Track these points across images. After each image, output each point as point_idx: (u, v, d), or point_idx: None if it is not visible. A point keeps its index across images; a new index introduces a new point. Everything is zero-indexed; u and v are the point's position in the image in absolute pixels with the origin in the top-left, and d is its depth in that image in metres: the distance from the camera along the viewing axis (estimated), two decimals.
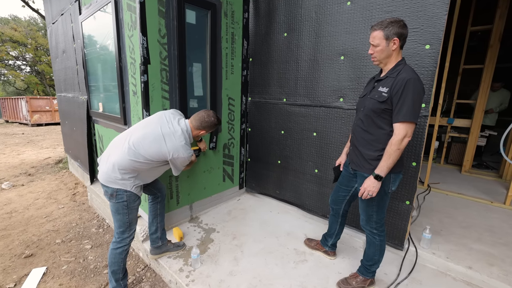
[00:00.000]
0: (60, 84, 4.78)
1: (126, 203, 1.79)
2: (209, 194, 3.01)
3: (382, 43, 1.52)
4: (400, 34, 1.48)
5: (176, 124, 1.83)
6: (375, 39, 1.54)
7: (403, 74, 1.48)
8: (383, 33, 1.50)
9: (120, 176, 1.73)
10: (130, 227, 1.88)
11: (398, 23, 1.48)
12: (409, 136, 1.48)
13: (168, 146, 1.75)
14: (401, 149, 1.49)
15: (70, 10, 3.55)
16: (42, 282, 2.25)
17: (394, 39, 1.49)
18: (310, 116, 2.66)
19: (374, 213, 1.72)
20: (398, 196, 2.17)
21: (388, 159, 1.50)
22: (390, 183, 1.63)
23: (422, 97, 1.48)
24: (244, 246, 2.41)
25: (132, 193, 1.80)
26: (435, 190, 3.59)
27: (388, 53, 1.54)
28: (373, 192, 1.56)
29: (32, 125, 13.54)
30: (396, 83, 1.48)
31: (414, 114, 1.45)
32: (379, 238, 1.78)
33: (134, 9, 2.09)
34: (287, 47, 2.73)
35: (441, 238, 2.43)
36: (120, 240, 1.87)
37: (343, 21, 2.27)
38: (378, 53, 1.55)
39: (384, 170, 1.51)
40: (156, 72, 2.25)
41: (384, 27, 1.49)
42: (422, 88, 1.48)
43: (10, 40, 20.02)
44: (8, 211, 3.56)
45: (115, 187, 1.75)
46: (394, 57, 1.56)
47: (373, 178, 1.55)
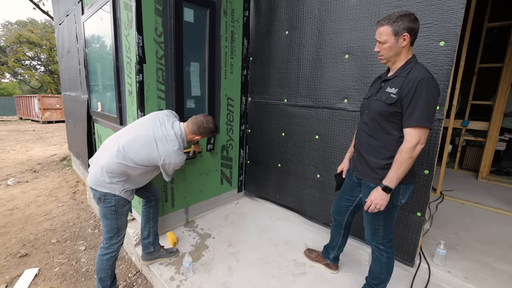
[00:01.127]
0: (65, 83, 4.82)
1: (115, 208, 1.71)
2: (206, 197, 2.91)
3: (391, 40, 1.36)
4: (411, 29, 1.32)
5: (169, 127, 1.74)
6: (382, 35, 1.38)
7: (414, 73, 1.31)
8: (392, 29, 1.34)
9: (108, 179, 1.65)
10: (119, 233, 1.80)
11: (408, 16, 1.32)
12: (422, 143, 1.31)
13: (160, 151, 1.65)
14: (414, 157, 1.32)
15: (74, 10, 3.55)
16: (33, 285, 2.20)
17: (404, 35, 1.33)
18: (312, 118, 2.51)
19: (381, 227, 1.54)
20: (408, 207, 1.99)
21: (398, 169, 1.33)
22: (399, 195, 1.46)
23: (437, 99, 1.31)
24: (240, 254, 2.28)
25: (121, 198, 1.71)
26: (449, 198, 3.37)
27: (397, 50, 1.37)
28: (381, 206, 1.39)
29: (43, 122, 13.90)
30: (406, 83, 1.31)
31: (428, 118, 1.28)
32: (386, 255, 1.60)
33: (130, 8, 2.02)
34: (288, 46, 2.59)
35: (457, 254, 2.23)
36: (107, 246, 1.78)
37: (348, 17, 2.12)
38: (386, 50, 1.39)
39: (393, 181, 1.35)
40: (152, 71, 2.17)
41: (392, 22, 1.33)
42: (437, 89, 1.31)
43: (27, 42, 20.70)
44: (10, 208, 3.57)
45: (103, 190, 1.67)
46: (404, 55, 1.39)
47: (381, 190, 1.38)
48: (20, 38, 20.51)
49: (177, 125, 1.78)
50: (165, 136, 1.69)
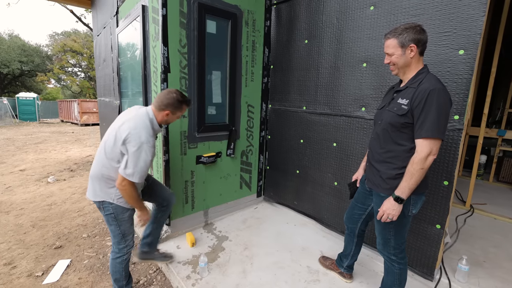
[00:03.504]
0: (101, 89, 5.24)
1: (114, 215, 1.70)
2: (225, 200, 3.00)
3: (398, 52, 1.39)
4: (418, 40, 1.35)
5: (134, 110, 1.67)
6: (389, 48, 1.42)
7: (425, 84, 1.33)
8: (397, 41, 1.38)
9: (99, 187, 1.64)
10: (124, 238, 1.80)
11: (414, 28, 1.35)
12: (434, 154, 1.31)
13: (125, 127, 1.53)
14: (425, 168, 1.32)
15: (110, 23, 3.89)
16: (65, 274, 2.41)
17: (411, 46, 1.35)
18: (330, 126, 2.52)
19: (392, 238, 1.53)
20: (427, 219, 1.93)
21: (410, 179, 1.34)
22: (410, 205, 1.45)
23: (448, 110, 1.31)
24: (255, 258, 2.33)
25: (117, 205, 1.68)
26: (480, 212, 3.15)
27: (406, 61, 1.39)
28: (393, 216, 1.39)
29: (81, 125, 15.06)
30: (417, 94, 1.32)
31: (439, 129, 1.28)
32: (398, 266, 1.58)
33: (158, 22, 2.20)
34: (307, 54, 2.64)
35: (483, 271, 2.10)
36: (117, 251, 1.83)
37: (366, 26, 2.12)
38: (395, 62, 1.42)
39: (405, 191, 1.35)
40: (176, 80, 2.32)
41: (398, 35, 1.37)
42: (449, 99, 1.32)
43: (70, 50, 22.68)
44: (49, 203, 3.93)
45: (100, 200, 1.67)
46: (414, 65, 1.41)
47: (393, 200, 1.39)
48: (65, 47, 22.54)
49: (143, 108, 1.71)
50: (132, 116, 1.60)
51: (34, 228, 3.20)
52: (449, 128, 1.75)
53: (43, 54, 24.86)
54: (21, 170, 5.62)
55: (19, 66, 22.29)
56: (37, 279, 2.33)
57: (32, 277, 2.35)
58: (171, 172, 2.43)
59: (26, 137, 10.48)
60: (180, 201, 2.57)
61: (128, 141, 1.52)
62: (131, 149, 1.52)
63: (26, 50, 23.17)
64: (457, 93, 1.69)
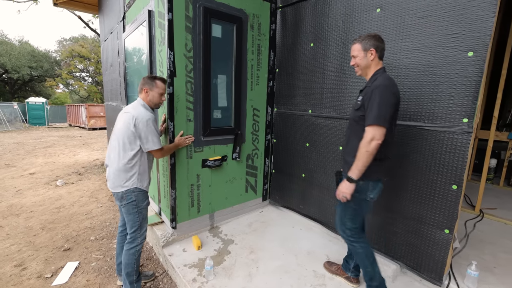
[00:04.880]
0: (108, 94, 5.32)
1: (135, 203, 1.94)
2: (230, 204, 3.00)
3: (360, 54, 1.65)
4: (377, 46, 1.61)
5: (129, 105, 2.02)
6: (354, 51, 1.68)
7: (376, 82, 1.57)
8: (361, 45, 1.64)
9: (120, 178, 1.90)
10: (141, 226, 2.01)
11: (374, 37, 1.62)
12: (377, 139, 1.50)
13: (129, 115, 1.89)
14: (370, 151, 1.51)
15: (117, 28, 3.96)
16: (73, 276, 2.44)
17: (371, 50, 1.62)
18: (336, 129, 2.51)
19: (348, 220, 1.73)
20: (436, 223, 1.89)
21: (358, 162, 1.54)
22: (368, 190, 1.64)
23: (389, 102, 1.51)
24: (261, 261, 2.32)
25: (139, 193, 1.94)
26: (490, 217, 3.09)
27: (367, 63, 1.65)
28: (347, 195, 1.58)
29: (89, 129, 15.29)
30: (369, 91, 1.57)
31: (380, 118, 1.49)
32: (358, 245, 1.75)
33: (164, 26, 2.23)
34: (313, 57, 2.64)
35: (493, 277, 2.05)
36: (132, 240, 1.99)
37: (372, 29, 2.11)
38: (358, 63, 1.67)
39: (355, 172, 1.55)
40: (182, 84, 2.35)
41: (361, 40, 1.65)
42: (391, 94, 1.52)
43: (78, 56, 23.14)
44: (57, 206, 3.99)
45: (122, 190, 1.90)
46: (373, 67, 1.66)
47: (346, 180, 1.59)
48: (73, 53, 23.01)
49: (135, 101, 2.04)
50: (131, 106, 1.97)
51: (43, 230, 3.26)
52: (458, 132, 1.72)
53: (51, 59, 25.43)
54: (30, 174, 5.73)
55: (28, 72, 22.83)
56: (46, 280, 2.37)
57: (41, 279, 2.39)
58: (177, 176, 2.45)
59: (35, 141, 10.68)
60: (186, 205, 2.58)
61: (137, 123, 1.85)
62: (142, 128, 1.85)
63: (36, 55, 23.74)
64: (466, 95, 1.66)
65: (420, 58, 1.85)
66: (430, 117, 1.84)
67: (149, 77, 1.99)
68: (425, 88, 1.85)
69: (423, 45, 1.83)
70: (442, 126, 1.79)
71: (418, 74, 1.87)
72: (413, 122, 1.93)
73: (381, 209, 2.21)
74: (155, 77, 1.99)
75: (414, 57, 1.88)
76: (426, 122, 1.86)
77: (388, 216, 2.17)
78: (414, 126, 1.93)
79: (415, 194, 1.99)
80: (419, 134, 1.91)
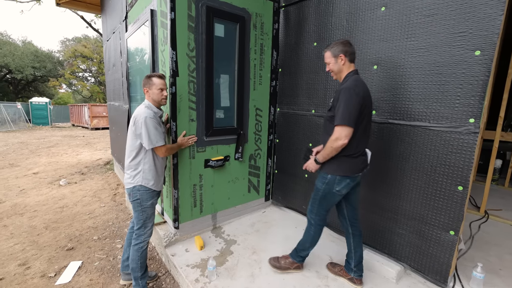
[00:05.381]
0: (110, 94, 5.33)
1: (139, 201, 1.99)
2: (233, 204, 2.99)
3: (332, 61, 1.79)
4: (345, 51, 1.74)
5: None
6: (326, 58, 1.83)
7: (344, 85, 1.70)
8: (331, 53, 1.78)
9: (129, 175, 1.99)
10: (145, 224, 2.05)
11: (342, 43, 1.75)
12: (341, 139, 1.64)
13: (133, 114, 1.97)
14: (334, 147, 1.68)
15: (119, 28, 3.96)
16: (77, 275, 2.45)
17: (340, 56, 1.75)
18: None
19: (316, 206, 1.94)
20: (441, 225, 1.87)
21: (324, 151, 1.76)
22: (335, 183, 1.81)
23: (353, 103, 1.61)
24: (263, 262, 2.31)
25: (144, 191, 1.98)
26: (495, 219, 3.05)
27: (339, 68, 1.79)
28: (310, 169, 1.89)
29: (92, 128, 15.35)
30: (337, 93, 1.72)
31: (345, 119, 1.62)
32: (314, 228, 1.99)
33: (166, 26, 2.22)
34: (316, 57, 2.62)
35: (499, 279, 2.02)
36: (137, 237, 2.05)
37: (377, 28, 2.09)
38: (332, 69, 1.82)
39: (320, 158, 1.80)
40: (184, 84, 2.34)
41: (331, 48, 1.78)
42: (355, 95, 1.62)
43: (81, 56, 23.24)
44: (61, 206, 4.01)
45: (130, 186, 1.99)
46: (345, 71, 1.79)
47: (313, 160, 1.87)
48: (75, 53, 23.11)
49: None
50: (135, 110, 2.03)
51: (47, 229, 3.27)
52: (464, 132, 1.70)
53: (54, 59, 25.57)
54: (34, 173, 5.76)
55: (32, 72, 22.97)
56: (50, 279, 2.38)
57: (45, 278, 2.40)
58: (179, 176, 2.44)
59: (39, 141, 10.75)
60: (188, 205, 2.57)
61: (136, 121, 1.90)
62: (140, 126, 1.87)
63: (39, 56, 23.88)
64: (472, 95, 1.64)
65: (426, 57, 1.82)
66: (436, 117, 1.82)
67: (146, 77, 2.01)
68: (430, 88, 1.83)
69: (429, 44, 1.80)
70: (448, 126, 1.76)
71: (424, 74, 1.85)
72: (418, 122, 1.91)
73: (385, 210, 2.19)
74: (151, 75, 2.00)
75: (419, 56, 1.86)
76: (432, 122, 1.84)
77: (392, 217, 2.15)
78: (419, 126, 1.91)
79: (419, 195, 1.97)
80: (424, 134, 1.89)
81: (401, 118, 2.01)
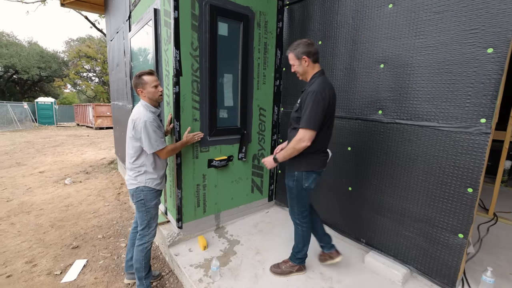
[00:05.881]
0: (114, 93, 5.34)
1: (143, 202, 1.96)
2: (236, 204, 2.97)
3: (296, 63, 1.79)
4: (308, 52, 1.73)
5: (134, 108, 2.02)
6: (290, 60, 1.83)
7: (311, 87, 1.71)
8: (294, 54, 1.77)
9: (132, 174, 1.95)
10: (149, 225, 2.02)
11: (303, 43, 1.74)
12: (304, 141, 1.69)
13: (130, 119, 1.90)
14: (297, 148, 1.73)
15: (123, 28, 3.95)
16: (82, 274, 2.46)
17: (303, 58, 1.75)
18: (345, 129, 2.45)
19: (295, 205, 1.98)
20: (449, 227, 1.83)
21: (285, 152, 1.80)
22: (302, 179, 1.86)
23: (319, 109, 1.65)
24: (267, 263, 2.29)
25: (148, 192, 1.95)
26: (505, 221, 2.98)
27: (304, 69, 1.80)
28: (267, 165, 1.93)
29: (96, 128, 15.47)
30: (304, 95, 1.73)
31: (310, 123, 1.67)
32: (301, 228, 2.03)
33: (169, 25, 2.20)
34: (321, 56, 2.57)
35: (509, 284, 1.97)
36: (141, 237, 2.03)
37: (384, 25, 2.05)
38: (296, 70, 1.83)
39: (280, 157, 1.84)
40: (188, 83, 2.32)
41: (293, 49, 1.77)
42: (322, 100, 1.65)
43: (85, 56, 23.41)
44: (66, 204, 4.03)
45: (133, 187, 1.95)
46: (310, 72, 1.81)
47: (271, 158, 1.90)
48: (80, 53, 23.29)
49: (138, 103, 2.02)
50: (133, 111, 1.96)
51: (52, 228, 3.30)
52: (475, 132, 1.65)
53: (59, 60, 25.81)
54: (40, 172, 5.82)
55: (38, 72, 23.22)
56: (56, 277, 2.40)
57: (51, 276, 2.42)
58: (183, 176, 2.43)
59: (44, 140, 10.87)
60: (192, 205, 2.56)
61: (135, 126, 1.83)
62: (140, 130, 1.81)
63: (44, 56, 24.12)
64: (484, 94, 1.59)
65: (435, 55, 1.77)
66: (445, 117, 1.77)
67: (135, 77, 1.91)
68: (439, 87, 1.78)
69: (439, 41, 1.75)
70: (458, 126, 1.71)
71: (433, 72, 1.80)
72: (426, 122, 1.86)
73: (391, 212, 2.15)
74: (141, 74, 1.90)
75: (428, 54, 1.81)
76: (440, 122, 1.79)
77: (398, 218, 2.11)
78: (427, 126, 1.86)
79: (427, 196, 1.92)
80: (433, 134, 1.84)
81: (409, 118, 1.96)
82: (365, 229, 2.38)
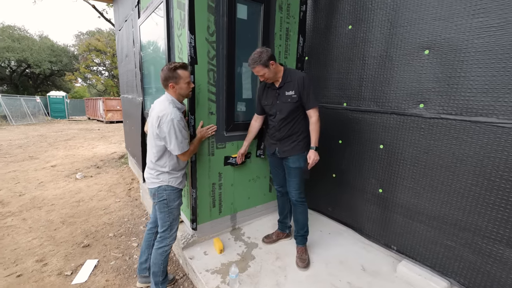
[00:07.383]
0: (124, 86, 5.19)
1: (166, 202, 1.85)
2: (253, 204, 2.79)
3: (265, 71, 1.89)
4: (271, 56, 1.88)
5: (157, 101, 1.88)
6: (259, 72, 1.91)
7: (296, 75, 1.95)
8: (261, 65, 1.86)
9: (153, 175, 1.84)
10: (171, 227, 1.91)
11: (263, 52, 1.87)
12: (319, 118, 1.98)
13: (155, 114, 1.75)
14: (319, 126, 1.99)
15: (131, 15, 3.75)
16: (93, 275, 2.35)
17: (271, 62, 1.88)
18: (377, 125, 2.20)
19: (303, 185, 2.17)
20: (504, 239, 1.58)
21: (317, 133, 1.97)
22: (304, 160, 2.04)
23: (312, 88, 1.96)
24: (289, 269, 2.11)
25: (171, 191, 1.84)
26: None
27: (274, 72, 1.94)
28: (317, 159, 1.97)
29: (106, 122, 15.55)
30: (298, 83, 1.93)
31: (315, 102, 1.97)
32: (305, 205, 2.20)
33: (183, 6, 1.98)
34: (351, 42, 2.32)
35: None
36: (161, 239, 1.90)
37: (431, 3, 1.76)
38: (268, 77, 1.94)
39: (317, 142, 1.98)
40: (203, 72, 2.11)
41: (258, 62, 1.85)
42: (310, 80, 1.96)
43: (95, 49, 23.45)
44: (77, 200, 3.96)
45: (155, 186, 1.84)
46: (279, 70, 1.98)
47: (314, 150, 1.97)
48: (89, 47, 23.33)
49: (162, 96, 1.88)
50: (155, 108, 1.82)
51: (63, 224, 3.21)
52: None
53: (70, 54, 25.98)
54: (52, 166, 5.79)
55: (49, 66, 23.46)
56: (66, 278, 2.30)
57: (62, 276, 2.32)
58: (198, 174, 2.25)
59: (56, 134, 10.96)
60: (207, 205, 2.39)
61: (161, 124, 1.70)
62: (165, 130, 1.69)
63: (55, 50, 24.32)
64: None
65: (499, 37, 1.49)
66: (508, 111, 1.50)
67: (169, 69, 1.73)
68: (502, 76, 1.51)
69: (505, 20, 1.46)
70: None
71: (494, 58, 1.52)
72: (481, 117, 1.60)
73: (430, 218, 1.92)
74: (176, 68, 1.74)
75: (489, 36, 1.53)
76: (501, 118, 1.53)
77: (439, 226, 1.87)
78: (482, 122, 1.60)
79: (477, 203, 1.68)
80: (490, 132, 1.58)
81: (458, 113, 1.70)
82: (397, 235, 2.16)
